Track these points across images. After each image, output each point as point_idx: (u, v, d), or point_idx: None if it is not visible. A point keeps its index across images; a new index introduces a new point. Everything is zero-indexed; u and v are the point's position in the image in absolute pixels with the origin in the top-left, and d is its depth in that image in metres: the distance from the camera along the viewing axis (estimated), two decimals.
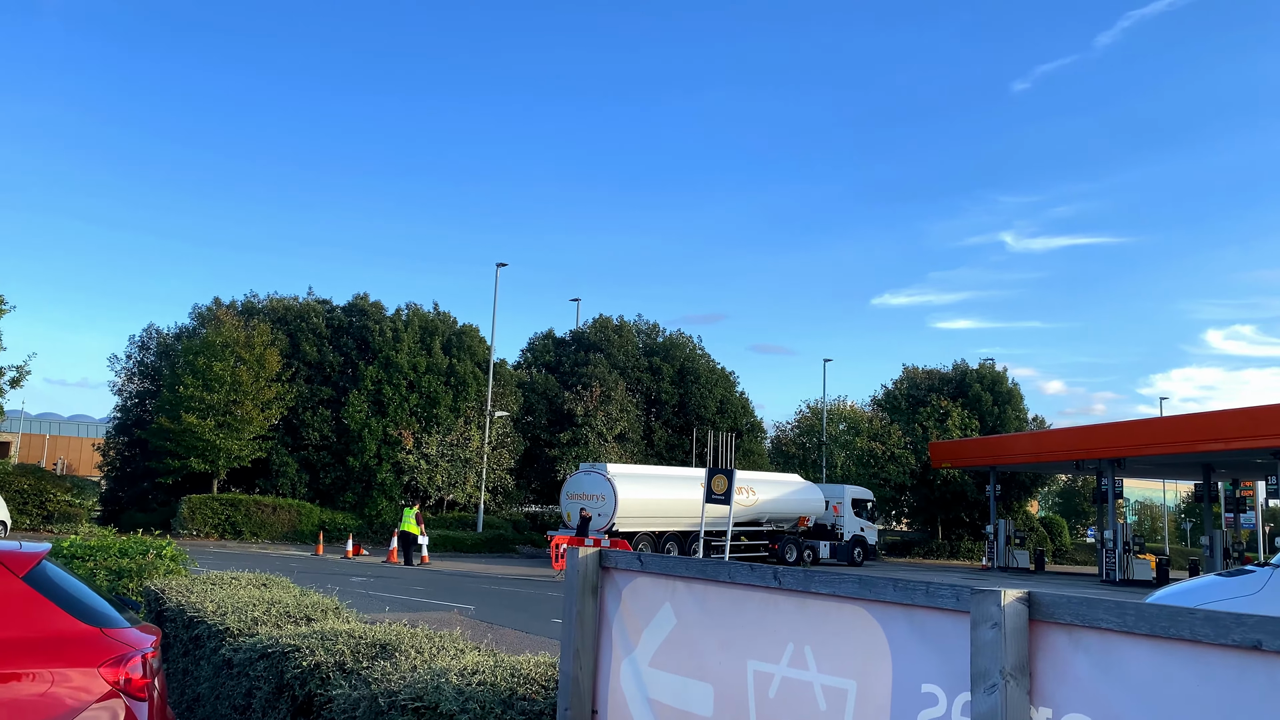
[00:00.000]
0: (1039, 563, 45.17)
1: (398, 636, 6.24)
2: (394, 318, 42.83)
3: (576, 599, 4.12)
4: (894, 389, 57.06)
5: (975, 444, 48.36)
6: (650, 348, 51.07)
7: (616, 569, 4.08)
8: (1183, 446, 35.26)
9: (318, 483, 40.33)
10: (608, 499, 30.93)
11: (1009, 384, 56.07)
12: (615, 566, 4.09)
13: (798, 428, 54.60)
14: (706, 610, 3.60)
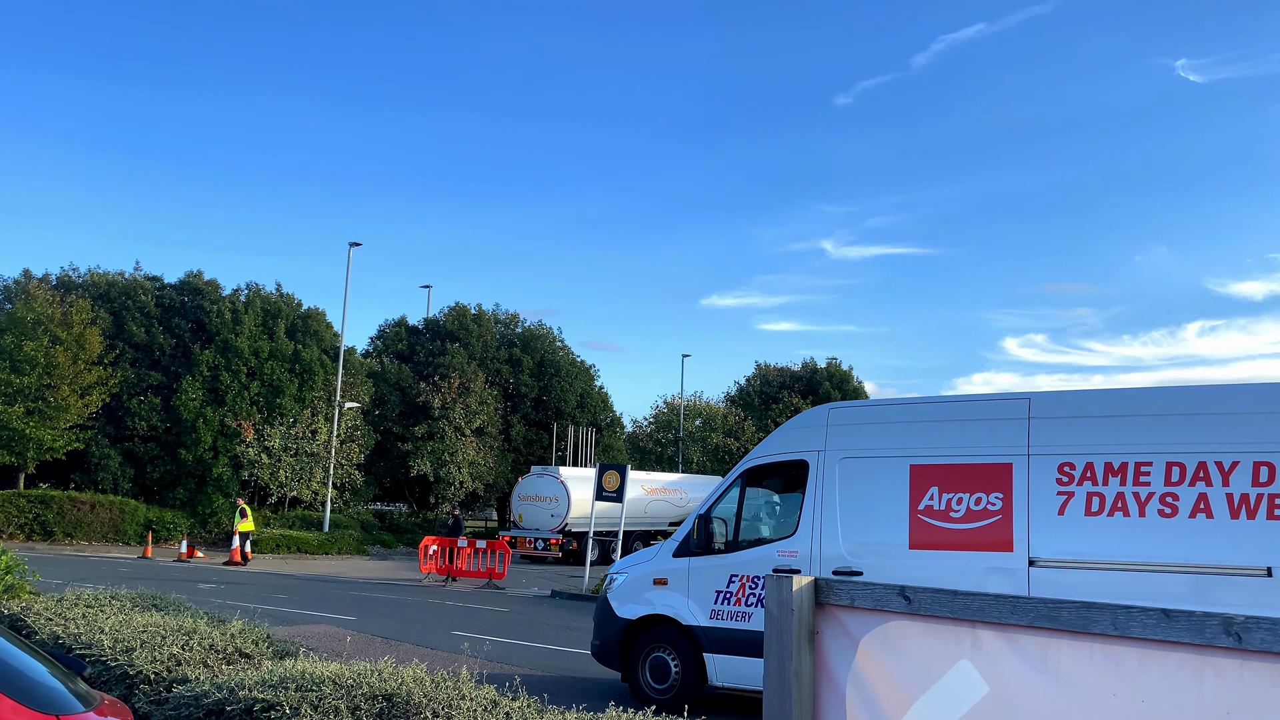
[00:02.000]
0: None
1: (398, 683, 4.80)
2: (232, 298, 39.44)
3: (790, 651, 2.90)
4: (747, 386, 57.44)
5: None
6: (509, 338, 49.39)
7: (847, 606, 2.89)
8: None
9: (144, 478, 36.63)
10: (561, 501, 31.96)
11: (855, 382, 57.44)
12: (844, 602, 2.90)
13: (654, 423, 54.12)
14: (1056, 678, 2.47)
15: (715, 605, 9.57)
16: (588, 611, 19.17)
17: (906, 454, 8.83)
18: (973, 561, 8.27)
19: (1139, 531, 7.68)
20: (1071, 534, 7.93)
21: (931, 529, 8.56)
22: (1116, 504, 7.79)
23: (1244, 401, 7.91)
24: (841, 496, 9.10)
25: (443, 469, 41.86)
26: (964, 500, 8.45)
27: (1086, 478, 7.94)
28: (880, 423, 9.44)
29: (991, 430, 8.54)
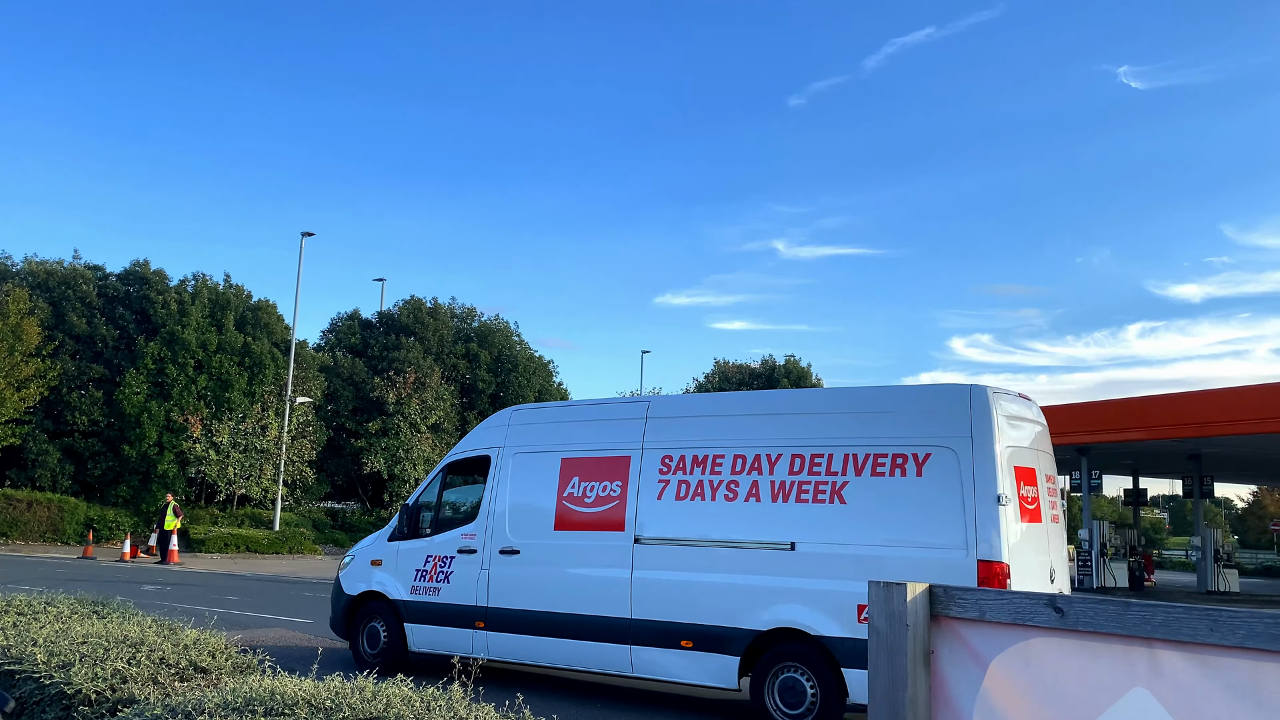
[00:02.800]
0: None
1: (383, 704, 4.17)
2: (179, 288, 38.09)
3: (903, 676, 2.34)
4: (706, 383, 57.12)
5: None
6: (466, 333, 48.43)
7: (974, 620, 2.34)
8: None
9: (85, 474, 35.21)
10: None
11: (813, 379, 57.40)
12: (970, 615, 2.35)
13: None
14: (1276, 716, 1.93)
15: (414, 582, 10.84)
16: None
17: (560, 449, 10.22)
18: (596, 540, 9.57)
19: (711, 513, 9.00)
20: (666, 515, 9.26)
21: (571, 512, 9.90)
22: (697, 490, 9.14)
23: (789, 403, 9.71)
24: (511, 486, 10.47)
25: (397, 466, 40.86)
26: (594, 488, 9.76)
27: (679, 468, 9.28)
28: (546, 422, 10.94)
29: (620, 428, 9.93)
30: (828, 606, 8.10)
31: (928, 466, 8.03)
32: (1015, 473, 8.07)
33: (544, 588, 9.78)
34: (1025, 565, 7.90)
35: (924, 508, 7.98)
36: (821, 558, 8.26)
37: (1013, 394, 8.82)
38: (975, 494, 7.79)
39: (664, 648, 8.97)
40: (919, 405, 8.52)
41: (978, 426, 7.98)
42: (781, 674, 8.38)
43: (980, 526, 7.70)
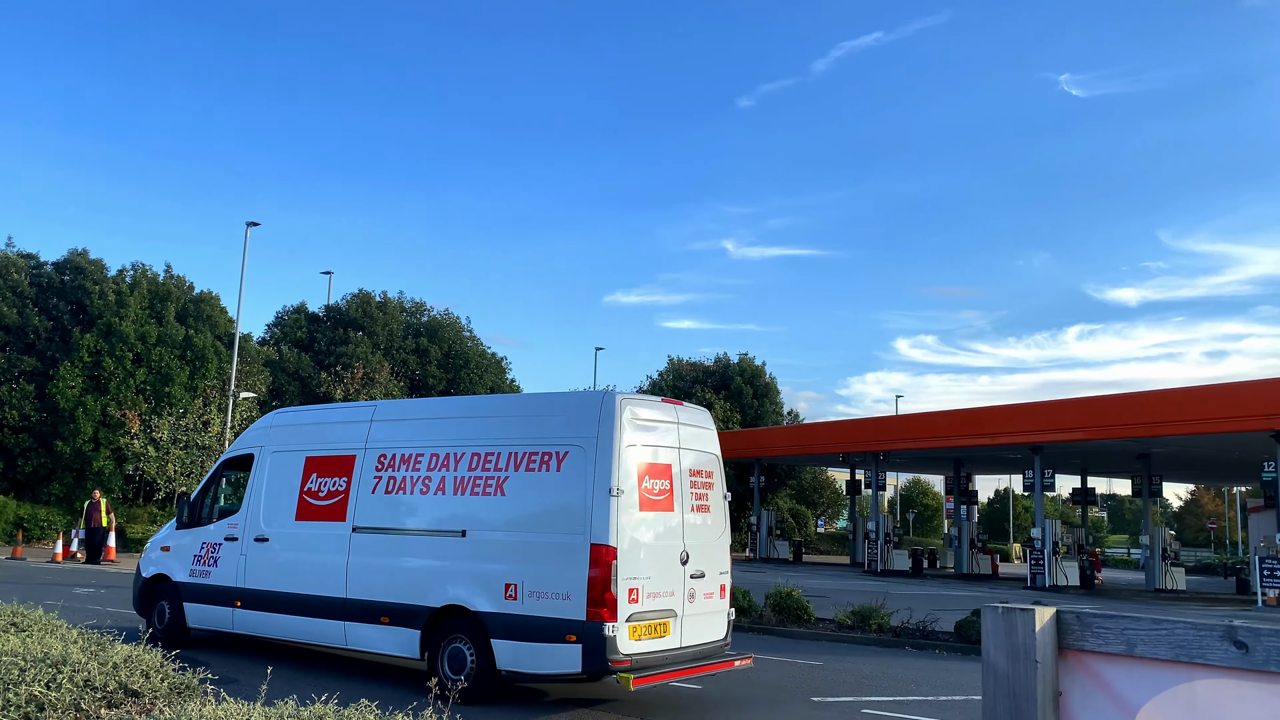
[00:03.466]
0: (797, 554, 46.07)
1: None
2: (117, 279, 36.69)
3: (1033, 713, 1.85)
4: (659, 380, 56.71)
5: (742, 436, 48.71)
6: (416, 328, 47.45)
7: (1117, 655, 1.86)
8: (943, 441, 36.70)
9: (15, 471, 33.72)
10: None
11: (767, 378, 57.27)
12: (1111, 648, 1.87)
13: None
14: None
15: (192, 566, 12.17)
16: None
17: (305, 449, 11.42)
18: (324, 529, 10.77)
19: (409, 505, 10.18)
20: (377, 508, 10.40)
21: (308, 505, 11.11)
22: (401, 485, 10.28)
23: (473, 408, 11.26)
24: (267, 481, 11.68)
25: None
26: (327, 483, 10.93)
27: (390, 465, 10.41)
28: (298, 425, 12.12)
29: (350, 430, 11.15)
30: (484, 586, 9.20)
31: (565, 463, 9.07)
32: (641, 468, 9.12)
33: (284, 571, 11.07)
34: (643, 549, 8.95)
35: (560, 499, 9.02)
36: (484, 544, 9.39)
37: (654, 400, 9.99)
38: (594, 486, 8.78)
39: (369, 623, 10.11)
40: (565, 410, 9.63)
41: (603, 428, 8.95)
42: (450, 645, 9.41)
43: (595, 514, 8.69)
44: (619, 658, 8.44)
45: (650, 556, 8.98)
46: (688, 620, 9.31)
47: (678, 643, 9.18)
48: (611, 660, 8.40)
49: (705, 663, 9.45)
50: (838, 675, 12.05)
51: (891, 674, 12.27)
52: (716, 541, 10.04)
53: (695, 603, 9.42)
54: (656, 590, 8.96)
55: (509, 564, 9.06)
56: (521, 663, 8.87)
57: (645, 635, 8.80)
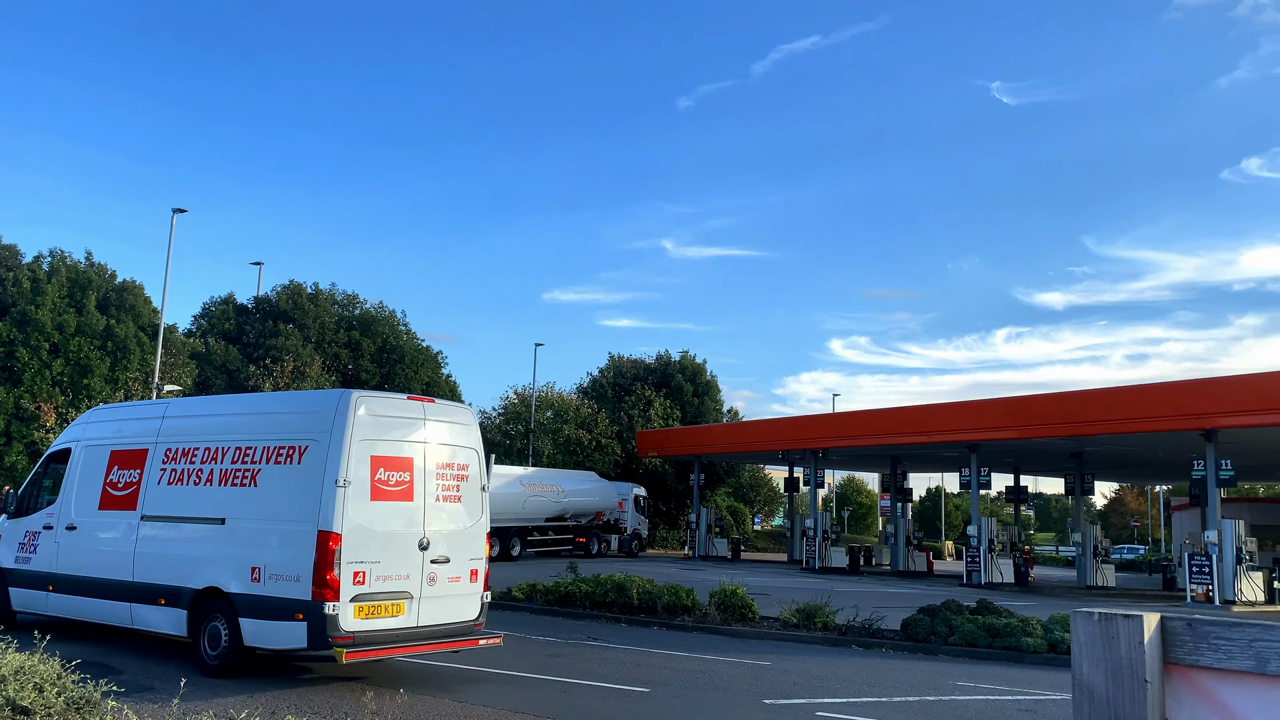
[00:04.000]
0: (735, 551, 46.00)
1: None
2: (33, 265, 35.05)
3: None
4: (600, 377, 56.26)
5: (682, 433, 48.51)
6: (348, 321, 46.30)
7: (1242, 674, 1.49)
8: (882, 439, 36.88)
9: None
10: None
11: (708, 375, 57.16)
12: (1239, 664, 1.49)
13: (504, 414, 52.10)
14: None
15: (17, 553, 12.97)
16: None
17: (111, 443, 12.26)
18: (120, 517, 11.55)
19: (185, 495, 10.94)
20: (161, 497, 11.20)
21: (109, 495, 11.88)
22: (180, 476, 11.08)
23: (240, 405, 12.01)
24: (80, 473, 12.49)
25: None
26: (125, 475, 11.72)
27: (174, 458, 11.22)
28: (108, 420, 13.14)
29: (147, 425, 11.93)
30: (236, 570, 9.95)
31: (305, 456, 9.85)
32: (375, 461, 9.87)
33: (87, 556, 11.81)
34: (372, 535, 9.68)
35: (300, 489, 9.72)
36: (238, 531, 10.19)
37: (397, 398, 10.81)
38: (325, 477, 9.52)
39: (150, 605, 10.84)
40: (309, 407, 10.50)
41: (336, 424, 9.69)
42: (210, 624, 10.15)
43: (324, 503, 9.43)
44: (340, 634, 9.22)
45: (381, 542, 9.75)
46: (427, 602, 10.08)
47: (413, 622, 9.96)
48: (333, 637, 9.16)
49: (446, 640, 10.38)
50: (787, 676, 11.75)
51: (841, 674, 12.02)
52: (470, 530, 10.81)
53: (437, 585, 10.19)
54: (387, 574, 9.72)
55: (256, 549, 9.88)
56: (262, 639, 9.73)
57: (374, 614, 9.60)
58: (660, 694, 10.23)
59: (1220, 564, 26.34)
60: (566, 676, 11.07)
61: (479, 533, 10.95)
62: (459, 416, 11.17)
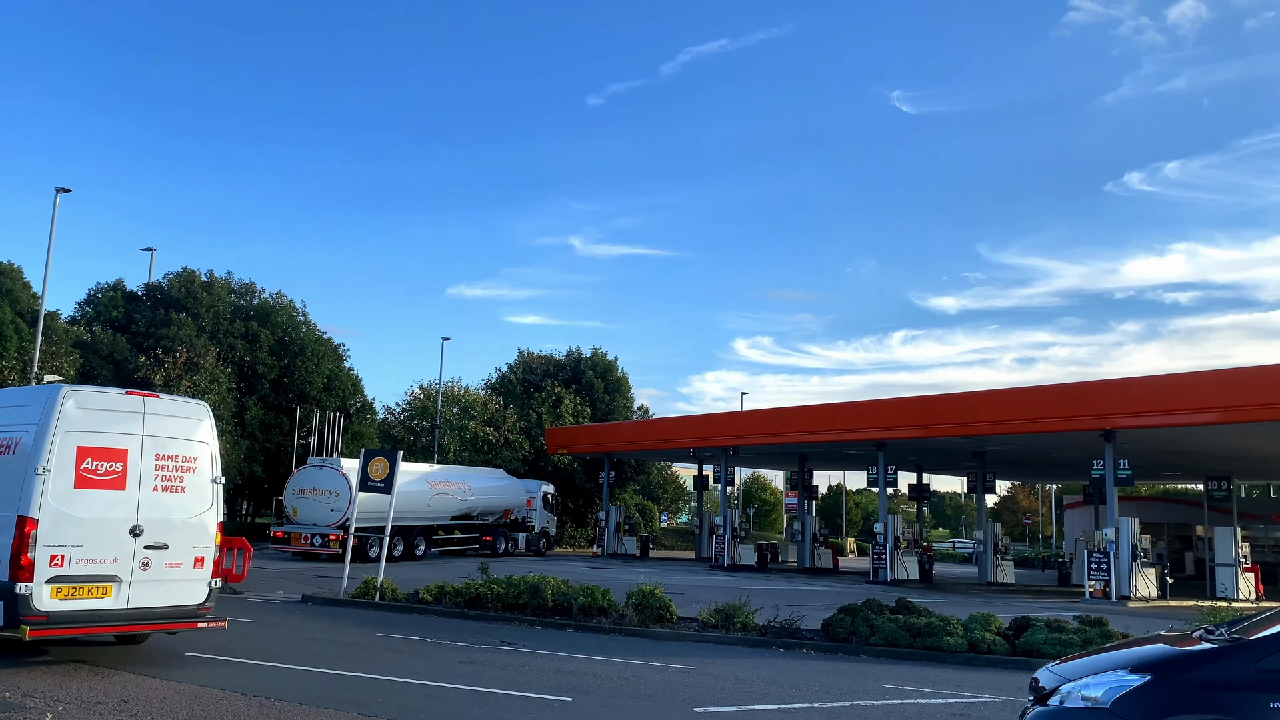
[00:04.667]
0: (644, 549, 45.76)
1: None
2: None
3: None
4: (509, 373, 55.37)
5: (593, 430, 48.02)
6: (246, 310, 44.42)
7: None
8: (793, 436, 37.05)
9: None
10: (342, 494, 30.47)
11: (619, 373, 56.83)
12: None
13: (409, 410, 50.77)
14: None
15: None
16: (350, 619, 16.53)
17: None
18: None
19: None
20: None
21: None
22: None
23: None
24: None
25: None
26: None
27: None
28: None
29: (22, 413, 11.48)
30: None
31: (18, 446, 10.25)
32: (82, 451, 10.28)
33: None
34: (74, 521, 10.10)
35: (14, 478, 10.07)
36: None
37: (113, 392, 11.21)
38: (29, 466, 9.96)
39: None
40: (27, 400, 10.92)
41: (43, 416, 10.17)
42: None
43: (25, 491, 9.91)
44: (33, 613, 9.68)
45: (84, 528, 10.20)
46: (138, 585, 10.53)
47: (122, 604, 10.43)
48: (24, 615, 9.60)
49: (159, 622, 10.88)
50: (713, 680, 11.37)
51: (766, 678, 11.69)
52: (196, 519, 11.18)
53: (151, 570, 10.65)
54: (90, 557, 10.19)
55: None
56: None
57: (74, 596, 10.09)
58: (585, 703, 9.72)
59: (1117, 560, 27.13)
60: (483, 685, 10.47)
61: (207, 522, 11.32)
62: (187, 411, 11.63)
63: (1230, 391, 23.99)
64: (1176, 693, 5.29)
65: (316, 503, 31.52)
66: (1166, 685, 5.35)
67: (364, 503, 23.32)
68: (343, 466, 31.44)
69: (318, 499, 31.55)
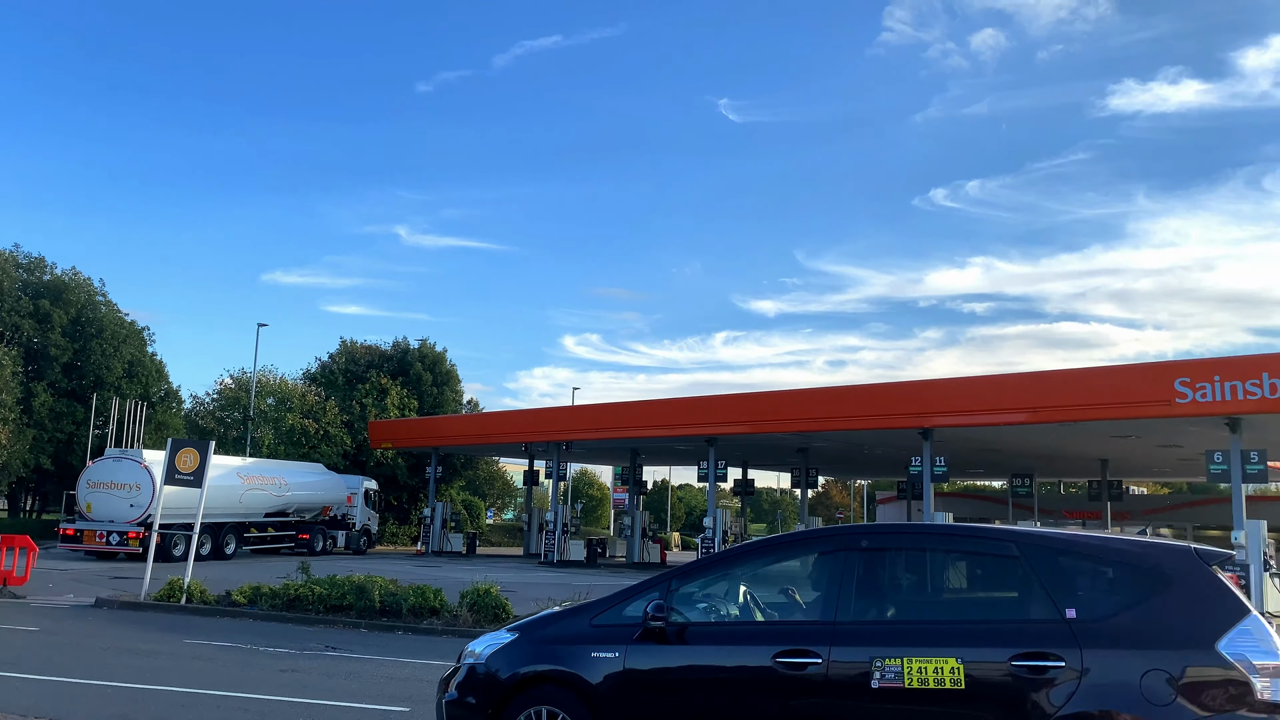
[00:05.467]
0: (471, 546, 44.72)
1: None
2: None
3: None
4: (331, 364, 52.88)
5: (420, 424, 46.49)
6: (34, 287, 40.45)
7: None
8: (625, 431, 36.97)
9: None
10: (144, 489, 28.70)
11: (448, 365, 55.32)
12: None
13: (219, 400, 47.63)
14: None
15: None
16: (153, 624, 15.03)
17: None
18: None
19: None
20: None
21: None
22: None
23: None
24: None
25: None
26: None
27: None
28: None
29: None
30: None
31: None
32: None
33: None
34: None
35: None
36: None
37: None
38: None
39: None
40: None
41: None
42: None
43: None
44: None
45: None
46: None
47: None
48: None
49: None
50: None
51: None
52: None
53: None
54: None
55: None
56: None
57: None
58: (422, 712, 9.02)
59: None
60: (308, 696, 9.58)
61: None
62: None
63: (1039, 394, 25.47)
64: (530, 646, 6.13)
65: (115, 497, 29.24)
66: (525, 640, 6.20)
67: (170, 497, 21.51)
68: (145, 458, 29.39)
69: (116, 493, 29.33)
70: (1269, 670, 4.79)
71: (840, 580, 5.74)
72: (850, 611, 5.61)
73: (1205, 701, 4.81)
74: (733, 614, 6.07)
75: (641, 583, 6.33)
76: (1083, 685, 4.97)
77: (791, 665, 5.44)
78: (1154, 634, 5.05)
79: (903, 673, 5.23)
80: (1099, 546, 5.59)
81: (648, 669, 5.77)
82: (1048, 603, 5.31)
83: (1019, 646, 5.15)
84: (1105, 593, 5.40)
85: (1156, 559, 5.36)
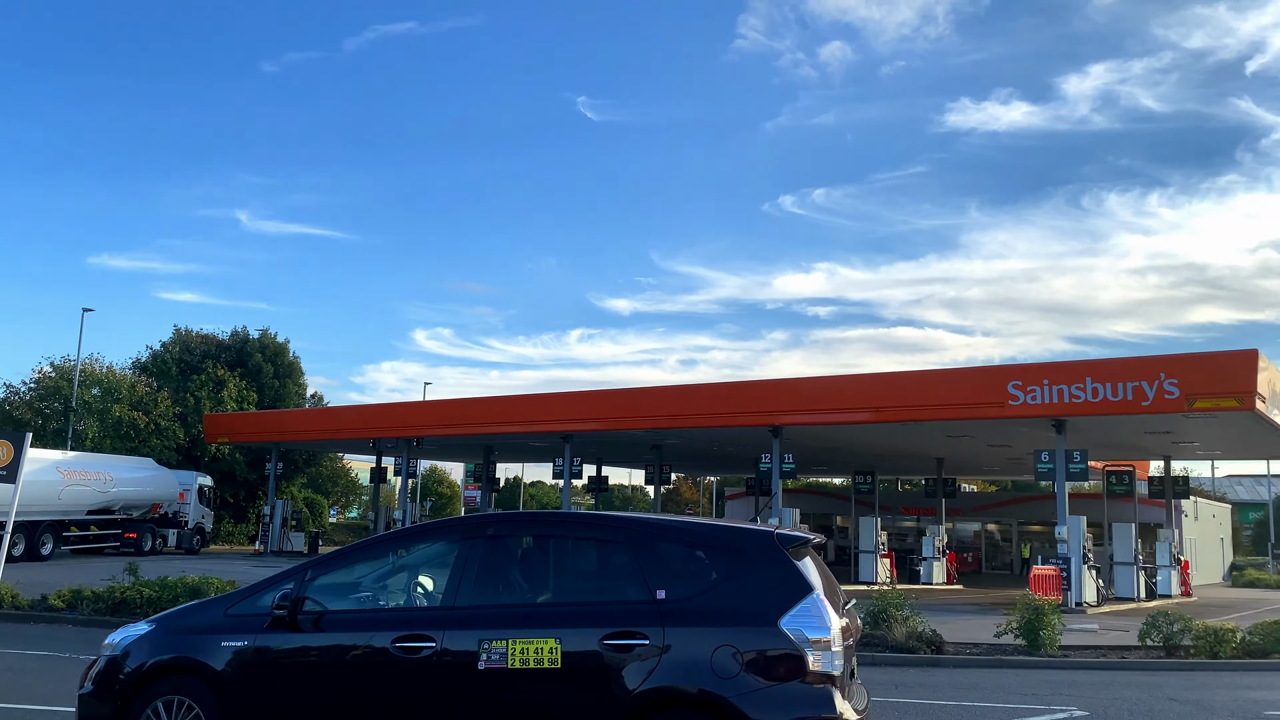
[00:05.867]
0: (313, 546, 43.14)
1: None
2: None
3: None
4: (164, 353, 49.93)
5: (261, 418, 44.49)
6: None
7: None
8: (480, 427, 36.42)
9: None
10: None
11: (291, 357, 53.20)
12: None
13: (36, 389, 44.22)
14: None
15: None
16: None
17: None
18: None
19: None
20: None
21: None
22: None
23: None
24: None
25: None
26: None
27: None
28: None
29: None
30: None
31: None
32: None
33: None
34: None
35: None
36: None
37: None
38: None
39: None
40: None
41: None
42: None
43: None
44: None
45: None
46: None
47: None
48: None
49: None
50: None
51: None
52: None
53: None
54: None
55: None
56: None
57: None
58: None
59: None
60: None
61: None
62: None
63: (883, 394, 26.49)
64: (165, 636, 6.29)
65: None
66: (161, 631, 6.35)
67: None
68: None
69: None
70: (821, 644, 5.29)
71: (464, 567, 6.01)
72: (468, 597, 5.88)
73: (767, 673, 5.26)
74: (376, 602, 6.32)
75: (281, 573, 6.46)
76: (663, 661, 5.36)
77: (408, 650, 5.69)
78: (728, 612, 5.45)
79: (507, 654, 5.52)
80: (693, 531, 5.99)
81: (272, 656, 5.96)
82: (643, 585, 5.67)
83: (610, 626, 5.51)
84: (694, 575, 5.76)
85: (741, 543, 5.77)
